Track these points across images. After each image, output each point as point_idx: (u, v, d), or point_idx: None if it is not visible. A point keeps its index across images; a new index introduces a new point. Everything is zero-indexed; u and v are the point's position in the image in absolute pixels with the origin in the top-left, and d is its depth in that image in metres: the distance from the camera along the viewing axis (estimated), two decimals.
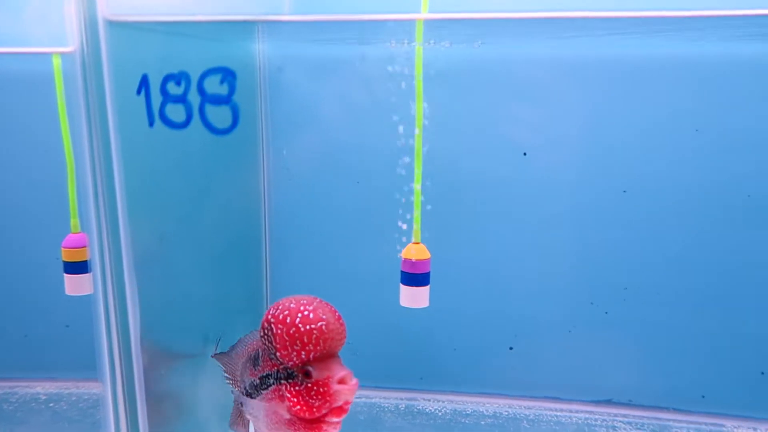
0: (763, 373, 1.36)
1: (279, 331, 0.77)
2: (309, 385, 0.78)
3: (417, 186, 1.19)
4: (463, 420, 0.92)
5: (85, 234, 0.91)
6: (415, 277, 1.27)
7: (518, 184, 1.35)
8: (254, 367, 0.83)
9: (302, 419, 0.79)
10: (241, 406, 0.89)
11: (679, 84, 1.27)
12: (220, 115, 1.08)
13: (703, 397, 1.39)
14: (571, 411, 1.40)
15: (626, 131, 1.31)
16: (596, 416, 1.37)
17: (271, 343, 0.78)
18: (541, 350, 1.42)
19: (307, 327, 0.77)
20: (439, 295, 1.15)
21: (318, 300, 0.81)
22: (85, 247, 1.06)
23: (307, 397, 0.78)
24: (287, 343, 0.77)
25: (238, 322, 1.29)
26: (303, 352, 0.77)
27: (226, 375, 0.93)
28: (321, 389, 0.77)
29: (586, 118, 1.33)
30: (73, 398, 1.39)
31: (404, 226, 1.28)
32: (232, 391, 0.95)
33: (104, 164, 0.80)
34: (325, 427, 0.80)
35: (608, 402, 1.42)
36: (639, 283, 1.36)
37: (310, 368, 0.78)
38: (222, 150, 1.16)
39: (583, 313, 1.39)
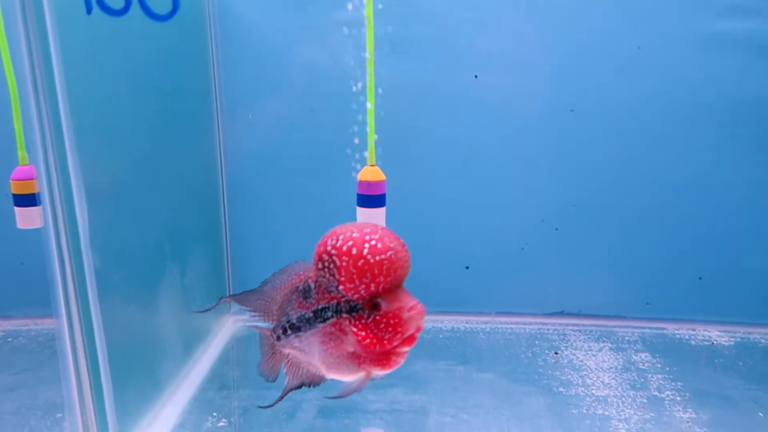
0: (701, 278, 1.44)
1: (344, 264, 0.71)
2: (377, 318, 0.73)
3: (370, 107, 1.19)
4: (422, 335, 0.96)
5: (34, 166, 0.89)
6: (370, 199, 1.29)
7: (469, 107, 1.37)
8: (305, 299, 0.78)
9: (368, 352, 0.74)
10: (278, 340, 0.83)
11: (620, 5, 1.30)
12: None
13: (648, 304, 1.47)
14: (525, 323, 1.47)
15: (572, 52, 1.33)
16: (548, 327, 1.44)
17: (332, 276, 0.72)
18: (495, 268, 1.47)
19: (377, 258, 0.71)
20: (396, 218, 1.17)
21: (380, 227, 0.74)
22: (33, 179, 1.03)
23: (376, 330, 0.73)
24: (354, 276, 0.71)
25: (197, 251, 1.29)
26: (373, 285, 0.71)
27: (254, 313, 0.85)
28: (392, 321, 0.73)
29: (535, 39, 1.33)
30: (32, 333, 1.39)
31: (357, 156, 1.29)
32: (255, 327, 0.88)
33: (43, 65, 0.77)
34: (394, 357, 0.76)
35: (560, 313, 1.49)
36: (586, 200, 1.41)
37: (379, 300, 0.73)
38: (167, 44, 1.13)
39: (535, 231, 1.44)
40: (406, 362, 0.77)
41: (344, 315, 0.74)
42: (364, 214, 1.26)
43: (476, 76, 1.36)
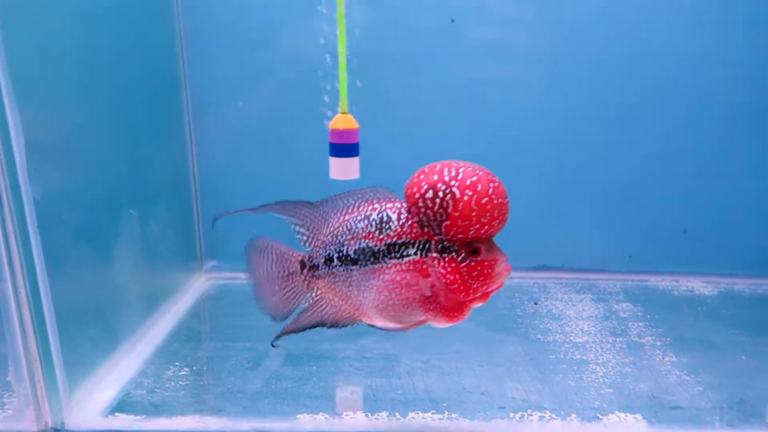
0: (684, 231, 1.40)
1: (466, 199, 0.66)
2: (473, 264, 0.69)
3: (342, 54, 1.14)
4: None
5: None
6: (343, 148, 1.24)
7: (446, 51, 1.32)
8: (378, 230, 0.71)
9: (447, 299, 0.71)
10: (313, 270, 0.76)
11: None
12: None
13: (630, 257, 1.44)
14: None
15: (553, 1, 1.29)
16: (530, 280, 1.41)
17: (443, 210, 0.67)
18: None
19: (499, 200, 0.67)
20: (370, 167, 1.12)
21: (487, 169, 0.70)
22: None
23: (467, 276, 0.69)
24: (472, 215, 0.67)
25: (162, 203, 1.24)
26: (486, 227, 0.68)
27: (301, 230, 0.76)
28: (486, 270, 0.69)
29: None
30: None
31: (327, 99, 1.24)
32: (287, 257, 0.78)
33: None
34: (465, 310, 0.73)
35: (542, 267, 1.45)
36: (570, 155, 1.37)
37: (479, 246, 0.69)
38: None
39: (518, 184, 1.39)
40: None
41: (433, 254, 0.70)
42: (336, 165, 1.22)
43: (453, 21, 1.31)
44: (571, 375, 0.99)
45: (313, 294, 0.77)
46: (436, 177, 0.68)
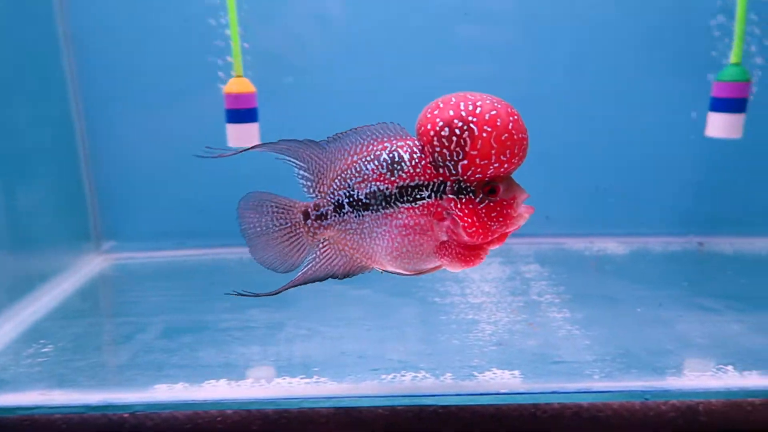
0: (597, 187, 1.37)
1: (485, 136, 0.62)
2: (491, 204, 0.65)
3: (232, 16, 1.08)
4: None
5: None
6: (240, 114, 1.18)
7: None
8: (390, 172, 0.66)
9: (464, 243, 0.67)
10: (322, 219, 0.70)
11: None
12: None
13: (547, 217, 1.40)
14: None
15: None
16: None
17: (460, 148, 0.63)
18: None
19: (520, 135, 0.64)
20: (272, 131, 1.06)
21: (505, 101, 0.66)
22: None
23: (485, 218, 0.65)
24: (492, 152, 0.63)
25: (43, 173, 1.17)
26: (506, 164, 0.64)
27: (306, 173, 0.69)
28: (505, 210, 0.66)
29: None
30: None
31: (220, 61, 1.18)
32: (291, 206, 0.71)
33: None
34: (482, 253, 0.68)
35: None
36: None
37: (498, 185, 0.65)
38: None
39: None
40: None
41: (448, 196, 0.66)
42: (234, 132, 1.16)
43: None
44: (458, 335, 0.94)
45: (320, 245, 0.71)
46: (451, 112, 0.63)
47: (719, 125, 1.15)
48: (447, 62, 1.28)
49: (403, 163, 0.66)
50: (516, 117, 0.64)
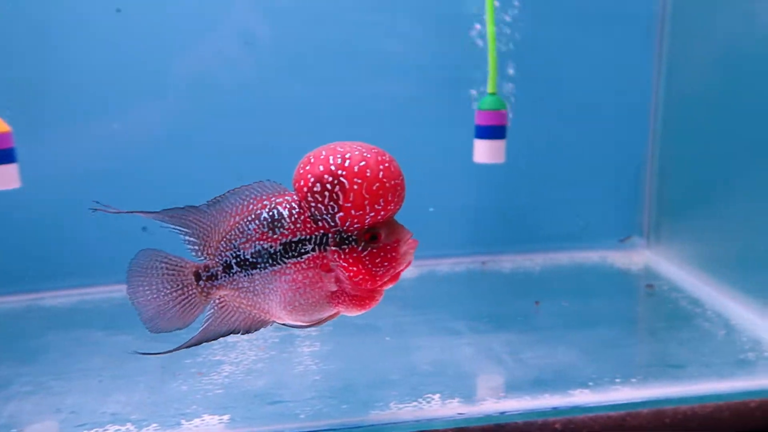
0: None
1: (355, 188, 0.63)
2: (374, 250, 0.66)
3: None
4: None
5: None
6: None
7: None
8: (271, 230, 0.67)
9: (355, 290, 0.68)
10: (213, 279, 0.70)
11: None
12: None
13: None
14: None
15: None
16: None
17: (333, 201, 0.64)
18: None
19: (392, 182, 0.65)
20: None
21: (374, 146, 0.67)
22: None
23: (370, 265, 0.66)
24: (365, 203, 0.64)
25: None
26: (382, 212, 0.65)
27: (191, 239, 0.69)
28: (389, 254, 0.67)
29: None
30: None
31: None
32: (180, 266, 0.71)
33: None
34: (377, 296, 0.70)
35: None
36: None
37: (379, 231, 0.66)
38: None
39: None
40: None
41: (331, 248, 0.67)
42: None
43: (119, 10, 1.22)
44: (191, 380, 0.92)
45: (216, 303, 0.71)
46: (321, 168, 0.64)
47: (483, 151, 1.19)
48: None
49: (283, 220, 0.68)
50: (387, 164, 0.65)
